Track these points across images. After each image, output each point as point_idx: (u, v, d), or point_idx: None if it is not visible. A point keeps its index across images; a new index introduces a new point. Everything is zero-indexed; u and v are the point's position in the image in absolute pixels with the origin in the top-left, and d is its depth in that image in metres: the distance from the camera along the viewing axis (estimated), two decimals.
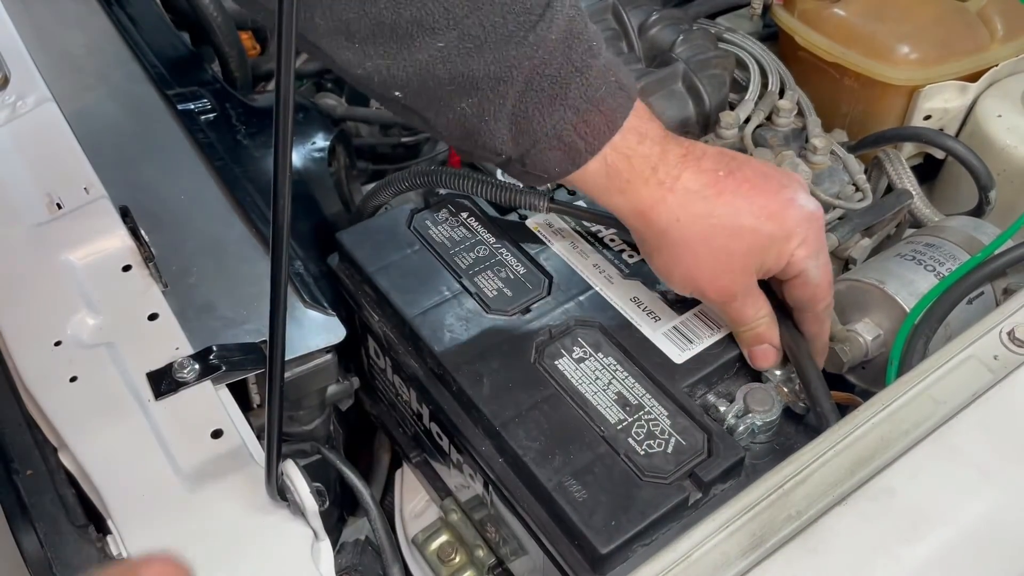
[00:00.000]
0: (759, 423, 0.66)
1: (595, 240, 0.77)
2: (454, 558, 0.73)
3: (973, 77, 0.92)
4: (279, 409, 0.55)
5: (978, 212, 0.85)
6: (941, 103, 0.92)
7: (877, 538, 0.51)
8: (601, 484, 0.60)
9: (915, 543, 0.51)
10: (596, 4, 0.88)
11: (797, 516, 0.52)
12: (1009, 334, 0.60)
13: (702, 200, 0.61)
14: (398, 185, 0.79)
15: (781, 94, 0.90)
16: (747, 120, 0.86)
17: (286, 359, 0.63)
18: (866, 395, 0.70)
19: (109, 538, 0.62)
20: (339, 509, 0.79)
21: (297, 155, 0.96)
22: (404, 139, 1.16)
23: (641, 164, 0.60)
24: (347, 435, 0.87)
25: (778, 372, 0.69)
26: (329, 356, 0.74)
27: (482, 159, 0.69)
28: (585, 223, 0.78)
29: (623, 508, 0.59)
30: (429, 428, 0.74)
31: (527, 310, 0.71)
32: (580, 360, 0.68)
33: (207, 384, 0.69)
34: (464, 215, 0.79)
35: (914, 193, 0.86)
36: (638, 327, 0.70)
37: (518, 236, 0.77)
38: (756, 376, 0.70)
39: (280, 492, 0.60)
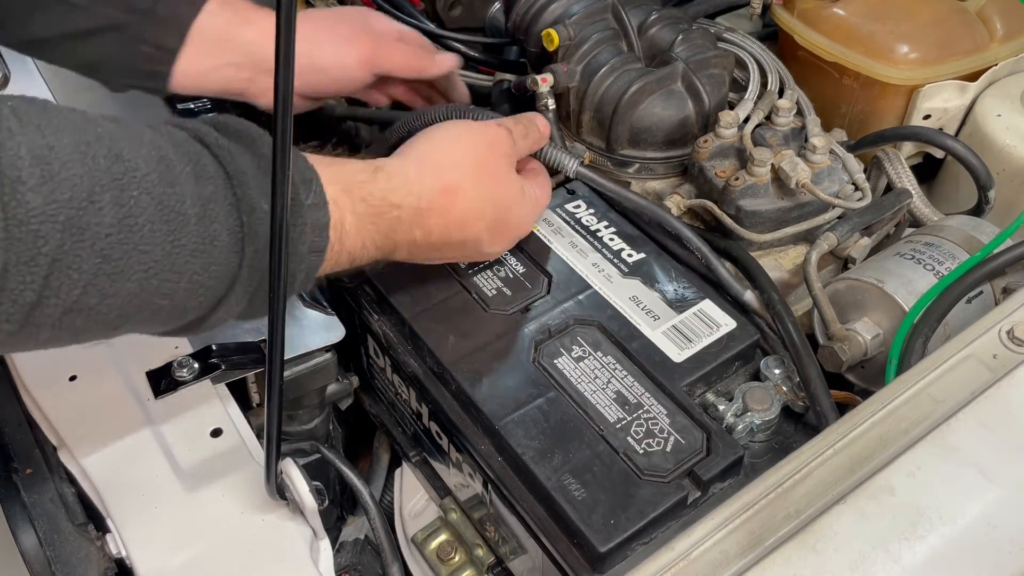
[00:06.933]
0: (758, 422, 0.66)
1: (594, 239, 0.77)
2: (453, 557, 0.73)
3: (972, 77, 0.92)
4: (278, 408, 0.55)
5: (977, 211, 0.85)
6: (940, 102, 0.92)
7: (876, 537, 0.51)
8: (600, 483, 0.60)
9: (914, 542, 0.51)
10: (596, 4, 0.88)
11: (796, 515, 0.52)
12: (1008, 333, 0.60)
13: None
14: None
15: (780, 93, 0.90)
16: (746, 120, 0.86)
17: (285, 358, 0.63)
18: (865, 394, 0.70)
19: (108, 537, 0.62)
20: (338, 508, 0.79)
21: None
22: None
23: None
24: (347, 434, 0.87)
25: (777, 371, 0.69)
26: (328, 355, 0.75)
27: None
28: (584, 222, 0.78)
29: (622, 507, 0.59)
30: (428, 427, 0.74)
31: (526, 309, 0.71)
32: (579, 359, 0.68)
33: (206, 383, 0.69)
34: None
35: (913, 192, 0.86)
36: (637, 326, 0.70)
37: None
38: (755, 375, 0.70)
39: (279, 491, 0.61)
